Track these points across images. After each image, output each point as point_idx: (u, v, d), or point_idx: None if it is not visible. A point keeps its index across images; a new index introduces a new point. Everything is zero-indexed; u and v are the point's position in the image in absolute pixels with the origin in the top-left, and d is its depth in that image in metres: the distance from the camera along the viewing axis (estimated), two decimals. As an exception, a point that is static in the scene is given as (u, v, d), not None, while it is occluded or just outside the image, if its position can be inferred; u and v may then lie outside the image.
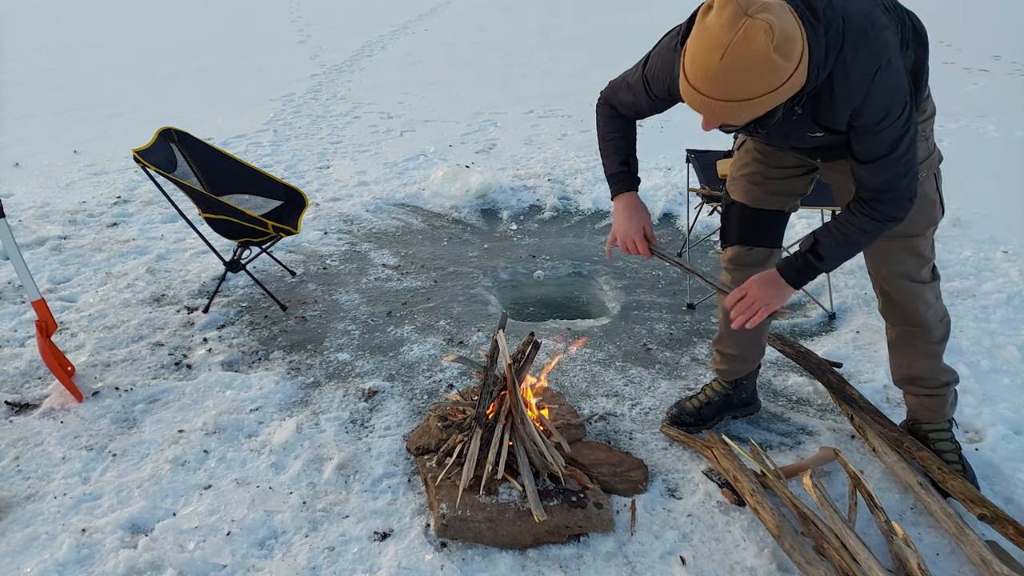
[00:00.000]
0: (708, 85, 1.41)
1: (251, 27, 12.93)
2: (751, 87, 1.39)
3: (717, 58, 1.36)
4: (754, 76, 1.37)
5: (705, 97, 1.43)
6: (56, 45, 10.67)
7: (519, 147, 5.87)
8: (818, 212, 3.91)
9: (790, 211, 2.19)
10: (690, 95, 1.47)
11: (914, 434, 2.25)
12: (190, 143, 3.23)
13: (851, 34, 1.50)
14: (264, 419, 2.48)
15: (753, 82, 1.38)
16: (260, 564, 1.90)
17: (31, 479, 2.19)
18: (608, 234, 2.07)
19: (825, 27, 1.48)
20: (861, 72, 1.52)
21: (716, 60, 1.36)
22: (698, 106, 1.47)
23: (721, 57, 1.35)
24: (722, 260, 2.30)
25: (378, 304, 3.34)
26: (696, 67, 1.42)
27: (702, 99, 1.44)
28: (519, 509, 1.94)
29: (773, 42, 1.33)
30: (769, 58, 1.34)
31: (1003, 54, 9.71)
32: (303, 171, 5.22)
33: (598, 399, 2.63)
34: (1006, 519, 1.91)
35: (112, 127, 6.44)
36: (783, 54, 1.36)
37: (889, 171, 1.65)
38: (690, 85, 1.45)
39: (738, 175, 2.17)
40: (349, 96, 7.70)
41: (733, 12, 1.34)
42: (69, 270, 3.59)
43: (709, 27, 1.38)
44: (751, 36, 1.33)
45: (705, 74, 1.40)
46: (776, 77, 1.38)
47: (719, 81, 1.39)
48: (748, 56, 1.34)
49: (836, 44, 1.49)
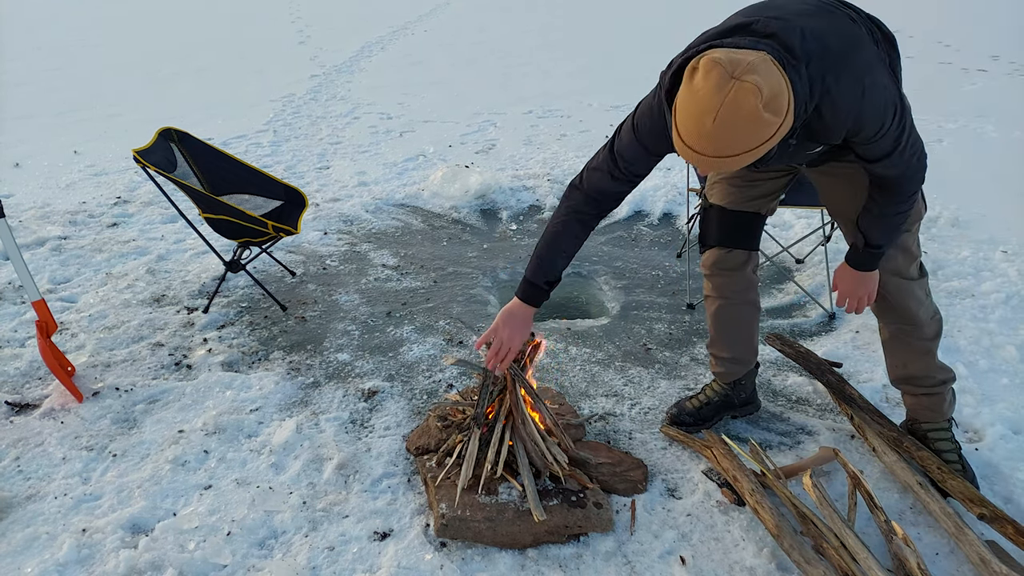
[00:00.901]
0: (702, 144, 1.46)
1: (251, 27, 12.93)
2: (744, 143, 1.44)
3: (709, 121, 1.41)
4: (746, 134, 1.42)
5: (700, 155, 1.49)
6: (56, 45, 10.67)
7: (518, 147, 5.87)
8: (818, 212, 3.92)
9: (767, 214, 2.24)
10: (685, 152, 1.53)
11: (913, 434, 2.25)
12: (190, 143, 3.24)
13: (831, 62, 1.54)
14: (264, 419, 2.48)
15: (746, 138, 1.43)
16: (260, 564, 1.90)
17: (31, 479, 2.20)
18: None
19: (806, 62, 1.51)
20: (848, 98, 1.56)
21: (709, 123, 1.42)
22: (694, 161, 1.53)
23: (713, 120, 1.41)
24: (701, 266, 2.34)
25: (378, 304, 3.34)
26: (689, 128, 1.47)
27: (697, 156, 1.50)
28: (519, 509, 1.94)
29: (762, 101, 1.38)
30: (759, 116, 1.40)
31: (1001, 54, 9.72)
32: (303, 171, 5.23)
33: (598, 399, 2.63)
34: (1005, 519, 1.92)
35: (112, 127, 6.44)
36: (773, 110, 1.41)
37: (899, 163, 1.74)
38: (684, 143, 1.50)
39: (717, 179, 2.23)
40: (349, 97, 7.71)
41: (720, 76, 1.39)
42: (69, 270, 3.59)
43: (697, 90, 1.43)
44: (740, 99, 1.38)
45: (699, 135, 1.45)
46: (767, 131, 1.44)
47: (712, 141, 1.44)
48: (739, 118, 1.39)
49: (819, 76, 1.53)
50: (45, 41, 11.05)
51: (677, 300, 3.41)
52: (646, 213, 4.50)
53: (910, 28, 12.34)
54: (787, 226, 4.14)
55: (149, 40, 11.31)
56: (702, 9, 14.84)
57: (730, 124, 1.40)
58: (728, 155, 1.46)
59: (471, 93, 7.88)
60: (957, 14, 13.26)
